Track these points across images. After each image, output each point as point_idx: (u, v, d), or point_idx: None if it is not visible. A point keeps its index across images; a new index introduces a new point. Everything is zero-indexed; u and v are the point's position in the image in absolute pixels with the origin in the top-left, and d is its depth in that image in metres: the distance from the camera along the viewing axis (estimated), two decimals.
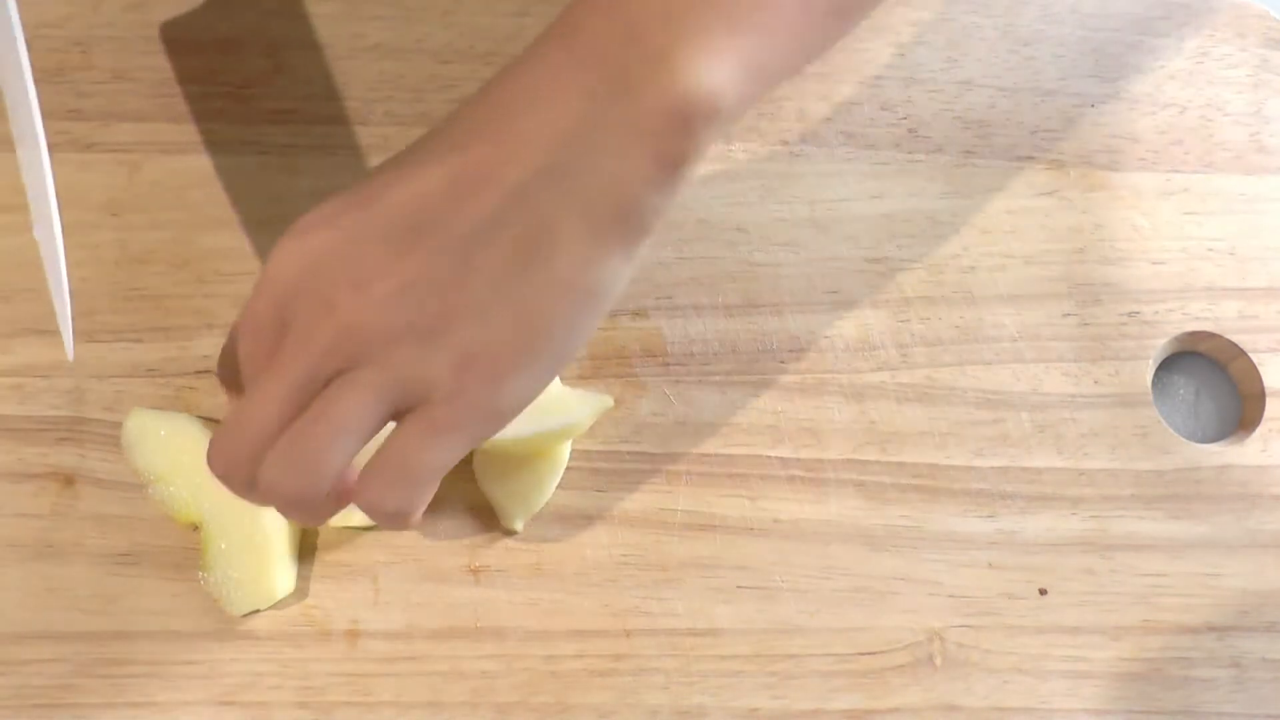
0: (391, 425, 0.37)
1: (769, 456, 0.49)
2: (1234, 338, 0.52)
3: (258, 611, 0.45)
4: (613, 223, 0.35)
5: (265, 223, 0.49)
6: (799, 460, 0.49)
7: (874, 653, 0.47)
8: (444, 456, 0.36)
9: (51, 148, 0.49)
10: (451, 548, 0.46)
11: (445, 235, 0.35)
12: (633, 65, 0.34)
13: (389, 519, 0.36)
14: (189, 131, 0.50)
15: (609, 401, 0.48)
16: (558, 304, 0.35)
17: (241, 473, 0.36)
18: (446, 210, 0.35)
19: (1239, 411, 0.53)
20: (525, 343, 0.35)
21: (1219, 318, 0.52)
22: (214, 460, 0.37)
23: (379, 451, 0.36)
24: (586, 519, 0.47)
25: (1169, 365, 0.53)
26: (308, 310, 0.35)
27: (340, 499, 0.38)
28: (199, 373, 0.47)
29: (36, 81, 0.50)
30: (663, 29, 0.34)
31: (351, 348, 0.35)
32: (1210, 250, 0.53)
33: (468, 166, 0.35)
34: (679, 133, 0.34)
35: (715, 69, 0.34)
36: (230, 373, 0.38)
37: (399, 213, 0.35)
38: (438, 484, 0.37)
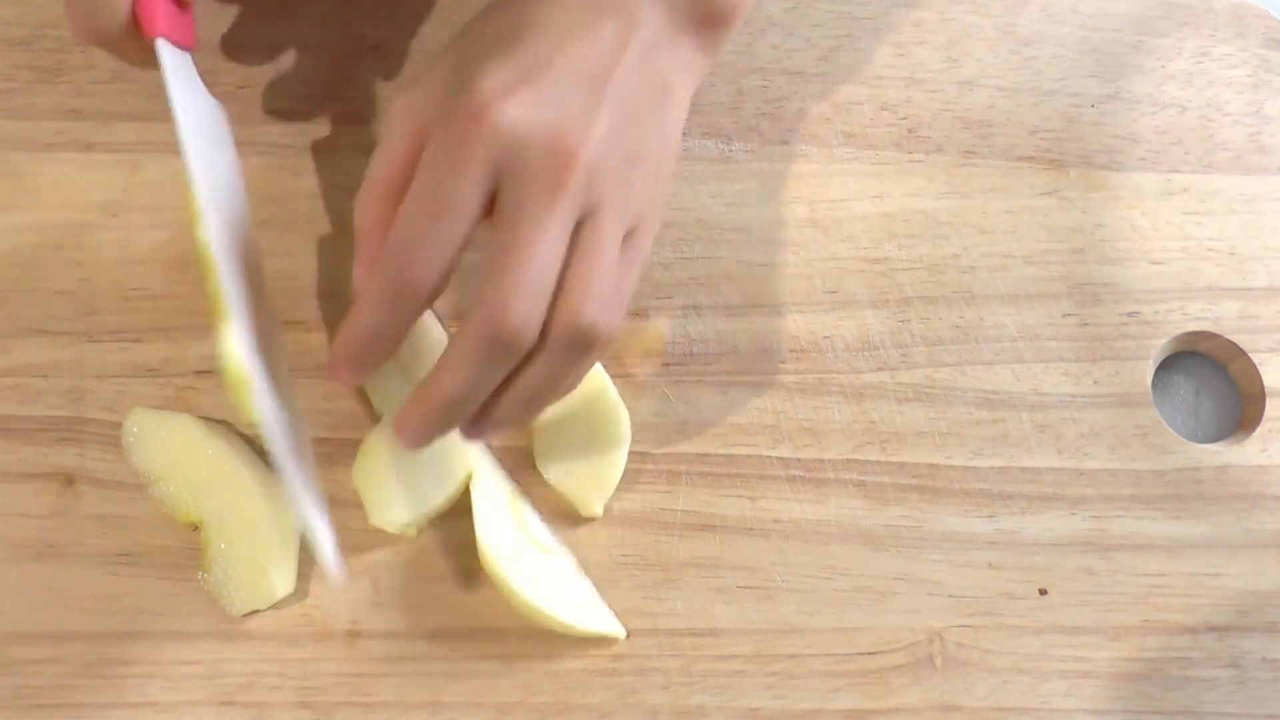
0: None
1: (769, 456, 0.49)
2: (1234, 338, 0.52)
3: (258, 611, 0.45)
4: (696, 71, 0.44)
5: (265, 223, 0.49)
6: (799, 460, 0.49)
7: (874, 653, 0.47)
8: (638, 267, 0.41)
9: (51, 147, 0.49)
10: (451, 548, 0.46)
11: (617, 81, 0.40)
12: None
13: (603, 345, 0.40)
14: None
15: None
16: (676, 127, 0.43)
17: (529, 330, 0.38)
18: (613, 63, 0.40)
19: (1239, 411, 0.53)
20: (669, 161, 0.43)
21: (1219, 318, 0.52)
22: (507, 320, 0.37)
23: (594, 284, 0.39)
24: (587, 519, 0.47)
25: (1169, 365, 0.53)
26: (545, 160, 0.38)
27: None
28: (199, 373, 0.47)
29: (37, 81, 0.50)
30: None
31: (595, 185, 0.39)
32: (1210, 250, 0.53)
33: (608, 33, 0.40)
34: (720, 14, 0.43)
35: None
36: (404, 266, 0.38)
37: (581, 67, 0.39)
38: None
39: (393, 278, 0.38)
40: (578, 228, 0.39)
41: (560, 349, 0.39)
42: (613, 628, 0.45)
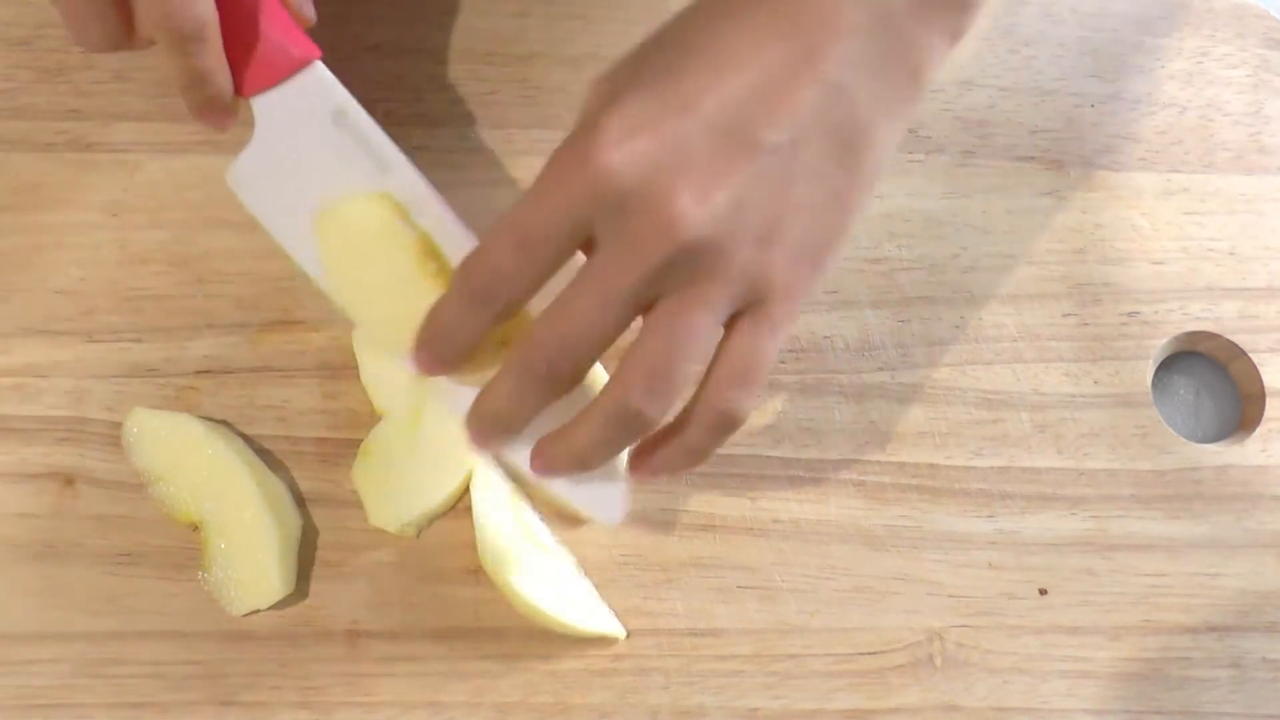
0: None
1: (769, 456, 0.49)
2: (1234, 338, 0.52)
3: (258, 611, 0.45)
4: (905, 109, 0.37)
5: None
6: (799, 460, 0.49)
7: (874, 653, 0.47)
8: (777, 348, 0.37)
9: (51, 147, 0.49)
10: (451, 547, 0.46)
11: (772, 134, 0.34)
12: None
13: (734, 424, 0.38)
14: (189, 131, 0.50)
15: None
16: (866, 185, 0.37)
17: (567, 375, 0.37)
18: (770, 109, 0.34)
19: (1239, 411, 0.53)
20: (841, 225, 0.37)
21: (1219, 318, 0.52)
22: (540, 360, 0.36)
23: (721, 362, 0.37)
24: (587, 519, 0.47)
25: (1169, 365, 0.53)
26: (643, 220, 0.34)
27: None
28: (199, 373, 0.47)
29: (37, 81, 0.50)
30: None
31: (693, 260, 0.34)
32: (1210, 250, 0.53)
33: (782, 61, 0.34)
34: (962, 7, 0.36)
35: None
36: (481, 290, 0.37)
37: (724, 114, 0.34)
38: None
39: (469, 290, 0.37)
40: (659, 302, 0.36)
41: (698, 428, 0.38)
42: (613, 628, 0.45)
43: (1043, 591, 0.48)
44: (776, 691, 0.46)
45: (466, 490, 0.46)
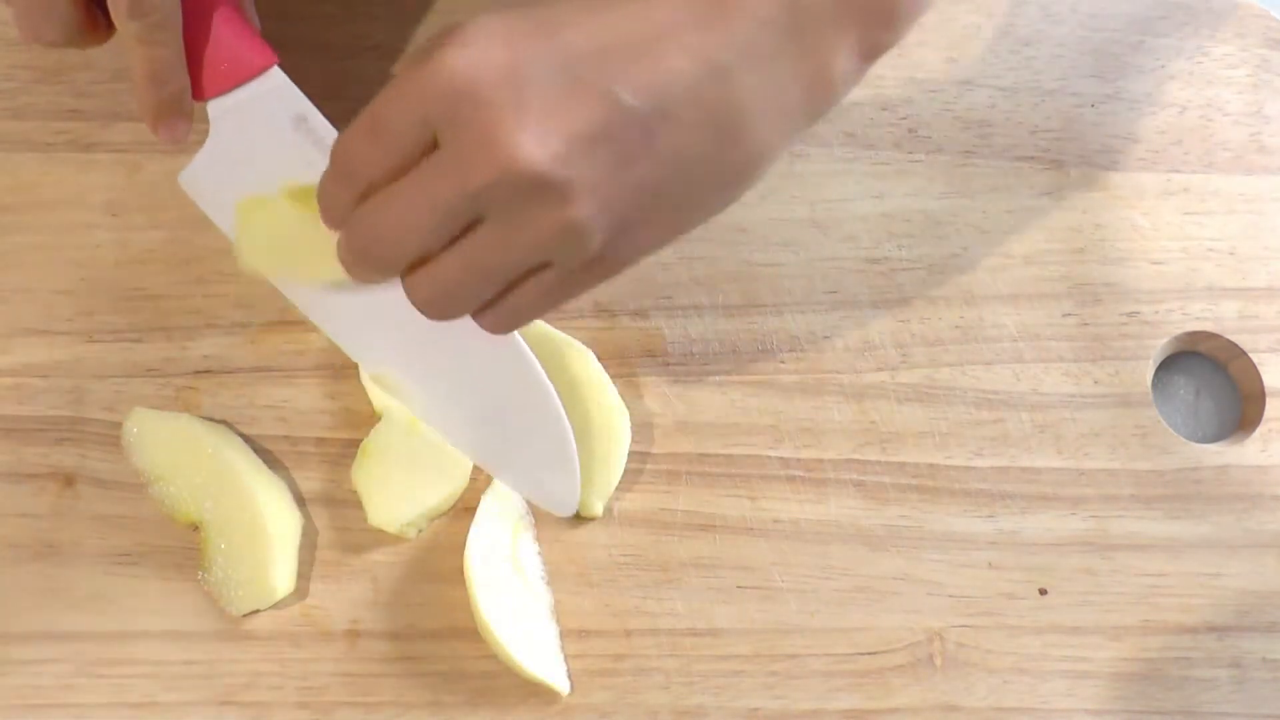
0: None
1: (769, 456, 0.49)
2: (1234, 338, 0.52)
3: (258, 611, 0.45)
4: (800, 114, 0.34)
5: None
6: (799, 460, 0.49)
7: (874, 653, 0.47)
8: (556, 305, 0.36)
9: (51, 147, 0.49)
10: (451, 548, 0.46)
11: (632, 92, 0.32)
12: None
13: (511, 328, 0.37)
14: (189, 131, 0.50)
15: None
16: (728, 186, 0.34)
17: (376, 263, 0.35)
18: (638, 65, 0.32)
19: (1239, 411, 0.53)
20: (685, 218, 0.35)
21: (1219, 318, 0.52)
22: (353, 239, 0.35)
23: (506, 294, 0.35)
24: (587, 519, 0.47)
25: (1169, 365, 0.53)
26: (469, 137, 0.32)
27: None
28: (199, 373, 0.47)
29: (37, 81, 0.50)
30: None
31: (513, 195, 0.32)
32: (1210, 250, 0.53)
33: (667, 21, 0.32)
34: (883, 24, 0.33)
35: None
36: (341, 177, 0.35)
37: (587, 50, 0.32)
38: None
39: (335, 168, 0.36)
40: (481, 220, 0.34)
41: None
42: (558, 682, 0.44)
43: (1043, 591, 0.48)
44: (776, 691, 0.46)
45: (466, 490, 0.46)
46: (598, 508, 0.47)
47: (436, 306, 0.36)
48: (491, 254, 0.34)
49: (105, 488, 0.46)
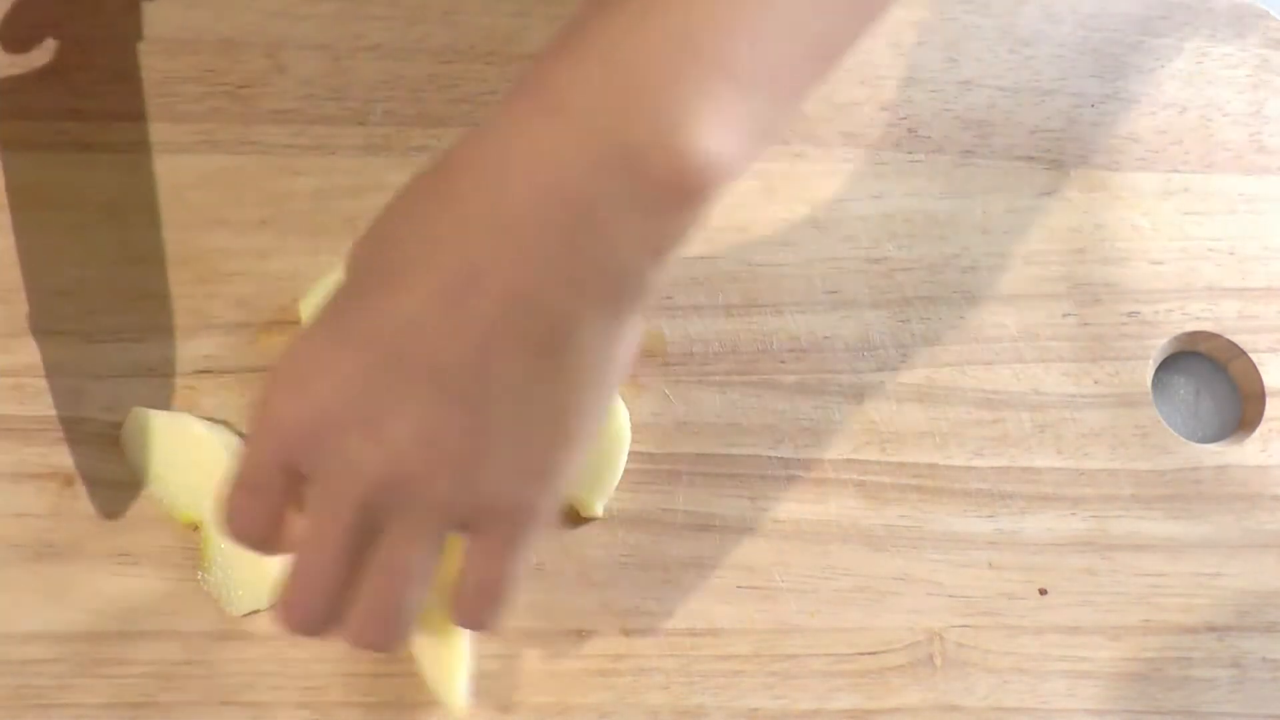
0: None
1: (769, 456, 0.49)
2: (1234, 338, 0.52)
3: (258, 611, 0.45)
4: (621, 300, 0.33)
5: (265, 223, 0.49)
6: (799, 460, 0.49)
7: (874, 653, 0.47)
8: (520, 563, 0.36)
9: (51, 147, 0.49)
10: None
11: (454, 355, 0.32)
12: (633, 132, 0.31)
13: (488, 630, 0.38)
14: (189, 131, 0.50)
15: None
16: (585, 391, 0.34)
17: (319, 630, 0.36)
18: (448, 327, 0.32)
19: (1239, 411, 0.53)
20: (563, 435, 0.34)
21: (1219, 318, 0.52)
22: (290, 622, 0.36)
23: (462, 581, 0.36)
24: (587, 519, 0.47)
25: (1169, 365, 0.53)
26: (332, 466, 0.33)
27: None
28: (199, 373, 0.47)
29: (38, 81, 0.50)
30: (668, 97, 0.31)
31: (389, 497, 0.33)
32: (1210, 250, 0.53)
33: (457, 271, 0.32)
34: (686, 205, 0.32)
35: (725, 138, 0.31)
36: (238, 533, 0.36)
37: (397, 343, 0.32)
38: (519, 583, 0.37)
39: (232, 534, 0.37)
40: (386, 532, 0.34)
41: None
42: (454, 698, 0.43)
43: (1043, 591, 0.48)
44: (776, 691, 0.46)
45: None
46: (598, 508, 0.47)
47: (385, 632, 0.36)
48: (399, 559, 0.35)
49: (105, 488, 0.46)
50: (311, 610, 0.36)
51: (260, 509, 0.35)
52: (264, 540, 0.36)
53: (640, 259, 0.33)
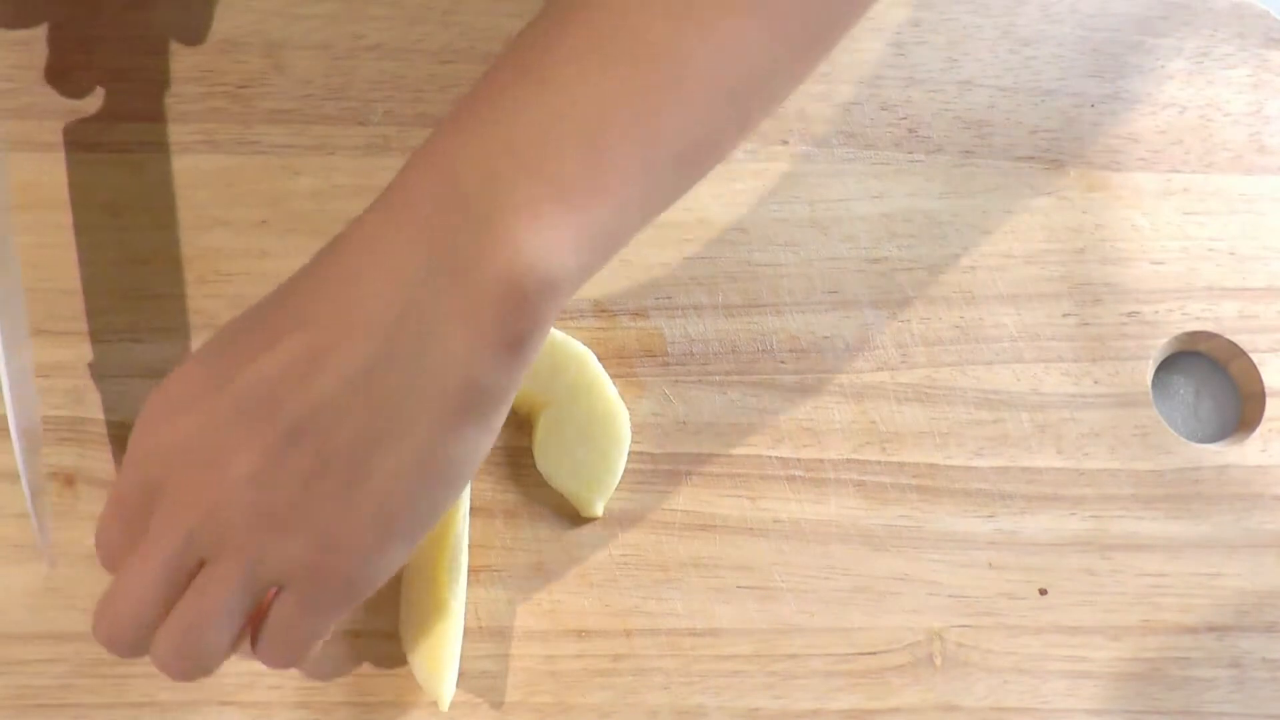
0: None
1: (769, 456, 0.49)
2: (1234, 338, 0.52)
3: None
4: (460, 403, 0.34)
5: (265, 223, 0.49)
6: (799, 460, 0.49)
7: (874, 653, 0.47)
8: (320, 626, 0.37)
9: (51, 147, 0.49)
10: None
11: (292, 419, 0.34)
12: (461, 241, 0.33)
13: (284, 668, 0.38)
14: (189, 131, 0.50)
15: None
16: (412, 484, 0.35)
17: (127, 647, 0.37)
18: (291, 394, 0.34)
19: (1239, 411, 0.53)
20: (383, 523, 0.35)
21: (1219, 318, 0.52)
22: (98, 633, 0.37)
23: (265, 623, 0.37)
24: (587, 519, 0.47)
25: (1169, 365, 0.53)
26: (173, 494, 0.35)
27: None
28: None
29: (36, 81, 0.50)
30: (488, 200, 0.33)
31: (213, 533, 0.35)
32: (1210, 250, 0.53)
33: (305, 349, 0.34)
34: (516, 311, 0.33)
35: (549, 242, 0.33)
36: (108, 554, 0.38)
37: (248, 395, 0.34)
38: (323, 640, 0.38)
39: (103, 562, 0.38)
40: (202, 570, 0.36)
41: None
42: (440, 693, 0.43)
43: (1043, 591, 0.48)
44: (776, 691, 0.46)
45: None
46: (598, 508, 0.47)
47: (184, 664, 0.37)
48: (208, 595, 0.36)
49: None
50: (119, 626, 0.37)
51: (117, 527, 0.37)
52: (112, 558, 0.38)
53: (478, 368, 0.34)
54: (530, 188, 0.33)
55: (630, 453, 0.47)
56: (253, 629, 0.38)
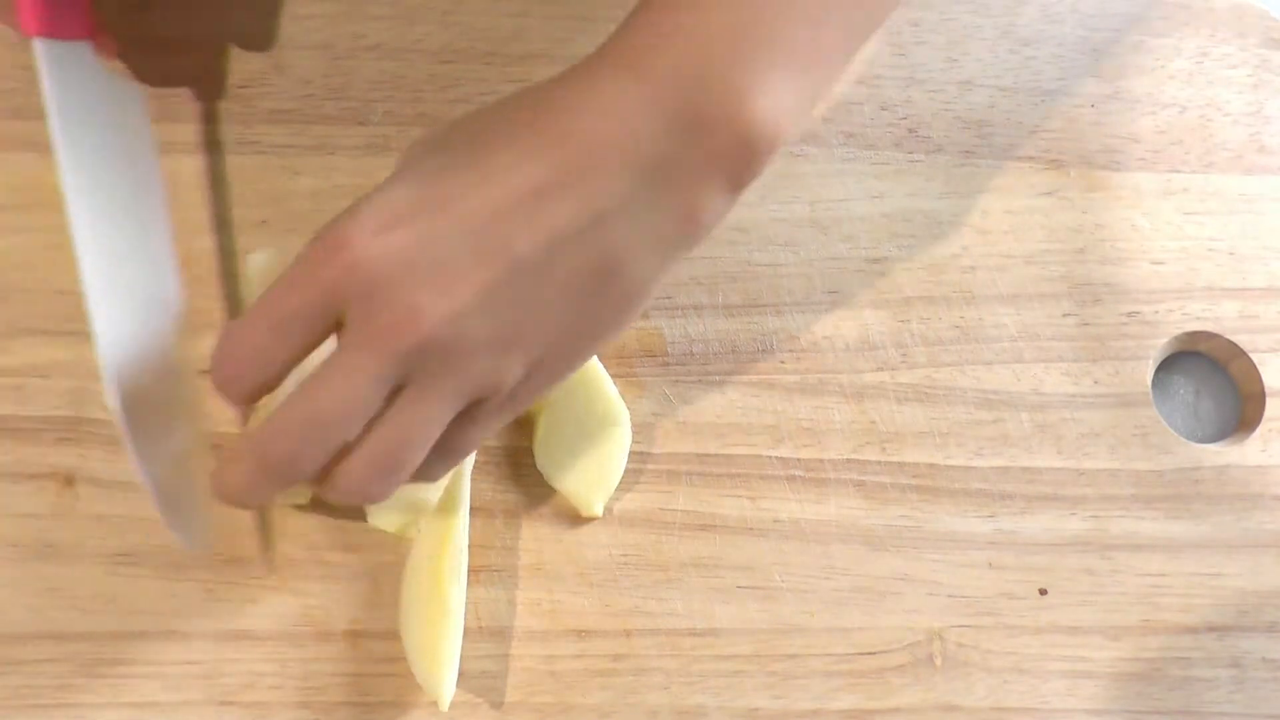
0: None
1: (769, 456, 0.49)
2: (1234, 338, 0.52)
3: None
4: (677, 247, 0.38)
5: (265, 223, 0.49)
6: (799, 460, 0.49)
7: (874, 653, 0.47)
8: (485, 437, 0.39)
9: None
10: None
11: (525, 247, 0.35)
12: (707, 103, 0.36)
13: (410, 483, 0.39)
14: (189, 131, 0.50)
15: None
16: (619, 315, 0.38)
17: (310, 465, 0.36)
18: (527, 222, 0.35)
19: (1239, 411, 0.53)
20: (585, 346, 0.39)
21: (1219, 318, 0.52)
22: (280, 444, 0.36)
23: (438, 443, 0.37)
24: (587, 519, 0.47)
25: (1169, 365, 0.53)
26: (387, 312, 0.35)
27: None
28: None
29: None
30: (736, 68, 0.36)
31: (433, 356, 0.35)
32: (1210, 250, 0.53)
33: (548, 180, 0.36)
34: (747, 164, 0.37)
35: (784, 103, 0.36)
36: (234, 372, 0.37)
37: (480, 219, 0.35)
38: None
39: (224, 376, 0.38)
40: (403, 387, 0.36)
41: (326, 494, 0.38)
42: (440, 693, 0.43)
43: (1043, 591, 0.48)
44: (776, 691, 0.46)
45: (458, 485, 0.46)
46: (598, 508, 0.47)
47: (376, 481, 0.37)
48: (419, 415, 0.36)
49: (105, 488, 0.46)
50: (306, 437, 0.36)
51: (267, 332, 0.36)
52: (253, 364, 0.37)
53: (706, 212, 0.37)
54: (769, 55, 0.36)
55: (630, 453, 0.48)
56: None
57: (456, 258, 0.35)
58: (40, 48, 0.41)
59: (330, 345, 0.37)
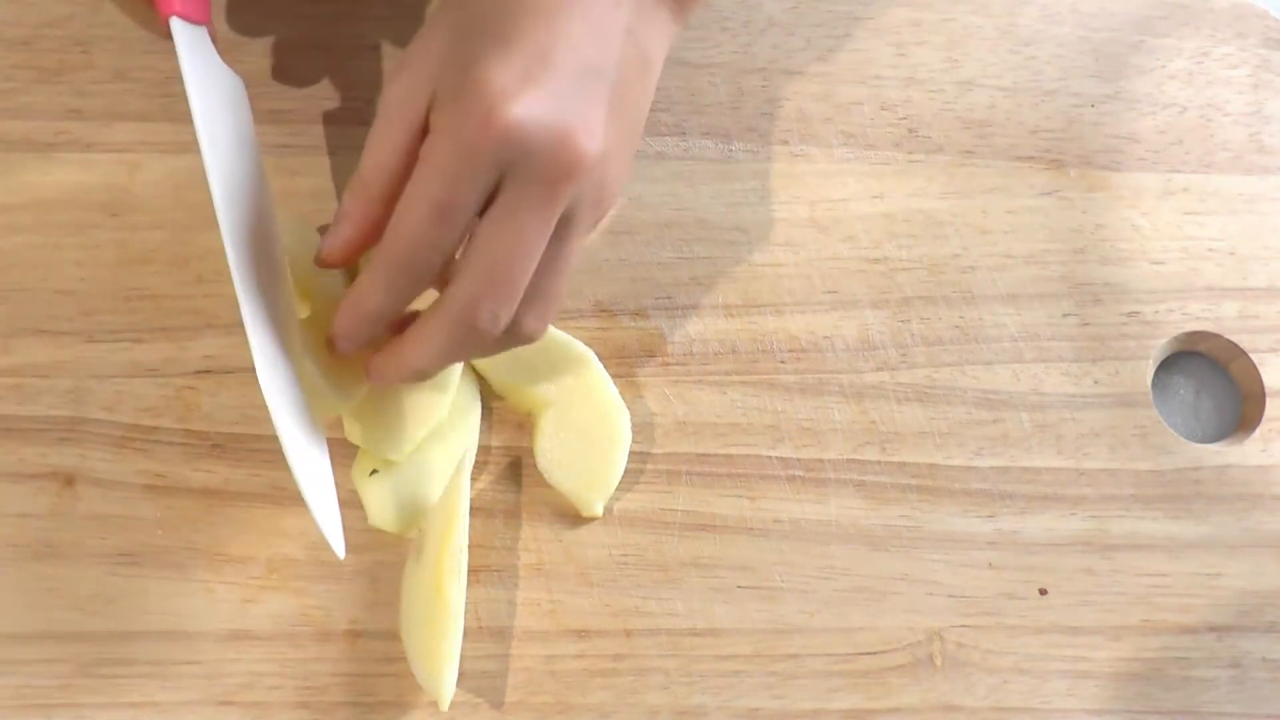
0: None
1: (769, 456, 0.49)
2: (1234, 338, 0.52)
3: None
4: (664, 49, 0.44)
5: None
6: (799, 460, 0.49)
7: (874, 653, 0.47)
8: (574, 255, 0.42)
9: (51, 147, 0.50)
10: None
11: (610, 70, 0.40)
12: None
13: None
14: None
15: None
16: (647, 103, 0.44)
17: (505, 319, 0.39)
18: (604, 51, 0.40)
19: (1239, 411, 0.53)
20: (639, 136, 0.44)
21: (1219, 318, 0.52)
22: (487, 308, 0.39)
23: (553, 296, 0.41)
24: (587, 519, 0.47)
25: (1169, 365, 0.53)
26: (550, 163, 0.38)
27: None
28: (199, 373, 0.47)
29: (37, 81, 0.50)
30: None
31: (585, 186, 0.39)
32: (1210, 250, 0.53)
33: (595, 15, 0.39)
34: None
35: None
36: (407, 259, 0.39)
37: (579, 59, 0.39)
38: None
39: (395, 271, 0.39)
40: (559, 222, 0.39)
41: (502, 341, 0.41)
42: (440, 693, 0.43)
43: (1043, 591, 0.48)
44: (776, 691, 0.46)
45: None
46: (598, 508, 0.47)
47: (504, 293, 0.39)
48: (528, 219, 0.39)
49: (105, 488, 0.46)
50: (509, 274, 0.39)
51: (450, 232, 0.38)
52: (434, 269, 0.39)
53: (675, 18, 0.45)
54: None
55: (630, 453, 0.48)
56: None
57: (580, 99, 0.38)
58: (177, 27, 0.45)
59: None
